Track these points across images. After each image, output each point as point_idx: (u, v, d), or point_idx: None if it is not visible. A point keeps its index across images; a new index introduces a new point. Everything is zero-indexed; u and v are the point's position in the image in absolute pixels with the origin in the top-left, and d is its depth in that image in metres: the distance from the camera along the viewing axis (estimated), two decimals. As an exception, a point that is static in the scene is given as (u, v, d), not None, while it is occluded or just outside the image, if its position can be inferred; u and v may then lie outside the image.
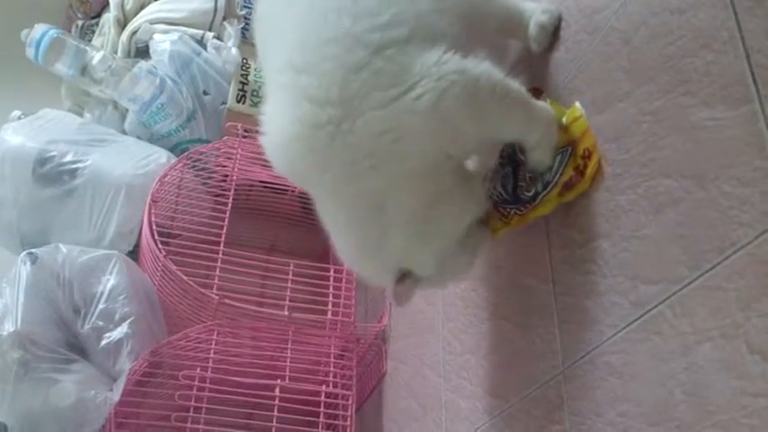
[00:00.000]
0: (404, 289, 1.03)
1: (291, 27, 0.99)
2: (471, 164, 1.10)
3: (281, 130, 0.97)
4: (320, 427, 1.66)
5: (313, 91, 0.92)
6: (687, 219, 0.78)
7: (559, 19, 1.11)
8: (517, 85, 0.98)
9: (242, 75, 2.08)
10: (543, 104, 1.03)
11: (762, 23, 0.71)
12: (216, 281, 1.69)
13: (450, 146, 0.97)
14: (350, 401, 1.72)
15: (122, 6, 2.17)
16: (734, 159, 0.72)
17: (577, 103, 1.01)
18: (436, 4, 0.99)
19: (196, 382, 1.58)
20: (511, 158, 1.07)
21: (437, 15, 0.98)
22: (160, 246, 1.67)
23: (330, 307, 1.81)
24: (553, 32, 1.12)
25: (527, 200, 1.05)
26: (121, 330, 1.56)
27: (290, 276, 1.80)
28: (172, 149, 2.03)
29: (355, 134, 0.90)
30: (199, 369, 1.59)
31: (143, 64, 2.02)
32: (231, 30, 2.16)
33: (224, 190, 1.92)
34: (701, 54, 0.78)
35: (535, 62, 1.15)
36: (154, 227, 1.70)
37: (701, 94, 0.78)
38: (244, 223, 1.97)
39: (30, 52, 2.00)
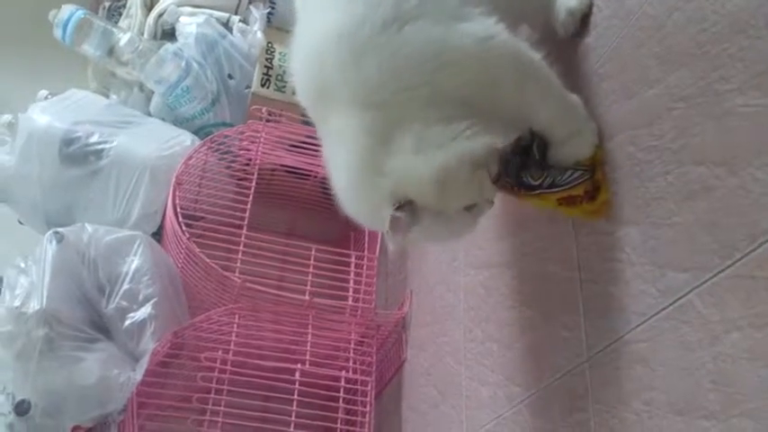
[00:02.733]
0: (401, 220, 0.94)
1: None
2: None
3: (323, 26, 0.96)
4: (339, 412, 1.67)
5: None
6: (719, 206, 0.77)
7: (590, 5, 1.09)
8: (554, 74, 0.98)
9: (267, 59, 2.08)
10: (578, 99, 1.02)
11: (801, 8, 0.70)
12: (238, 264, 1.70)
13: (483, 103, 0.95)
14: (369, 388, 1.72)
15: (149, -12, 2.18)
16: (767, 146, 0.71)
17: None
18: None
19: (218, 365, 1.59)
20: (524, 151, 1.05)
21: None
22: (184, 228, 1.68)
23: (351, 293, 1.82)
24: (582, 19, 1.10)
25: (527, 185, 1.04)
26: (145, 311, 1.57)
27: (312, 261, 1.80)
28: (196, 132, 2.03)
29: (402, 36, 0.90)
30: (220, 351, 1.60)
31: (169, 46, 2.02)
32: (257, 13, 2.16)
33: (247, 174, 1.92)
34: (735, 40, 0.77)
35: (564, 48, 1.13)
36: (178, 209, 1.71)
37: (734, 81, 0.77)
38: (264, 207, 1.98)
39: (57, 33, 2.02)
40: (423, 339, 1.67)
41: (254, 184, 1.89)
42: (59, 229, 1.62)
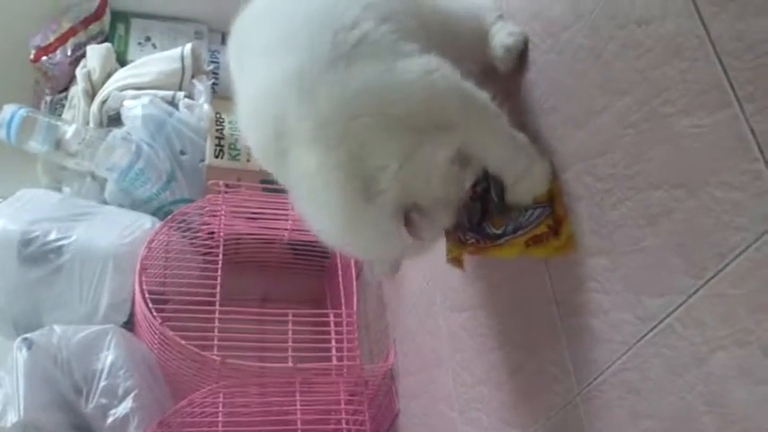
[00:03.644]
0: (416, 225, 0.95)
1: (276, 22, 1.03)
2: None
3: (268, 75, 0.97)
4: (339, 476, 1.64)
5: (306, 42, 0.95)
6: (683, 228, 0.77)
7: (525, 42, 1.11)
8: (502, 114, 0.99)
9: (217, 130, 2.08)
10: (525, 138, 1.02)
11: (729, 27, 0.71)
12: (215, 341, 1.66)
13: (433, 137, 0.95)
14: (366, 446, 1.69)
15: (89, 77, 2.15)
16: (721, 164, 0.72)
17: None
18: (412, 18, 1.02)
19: (208, 449, 1.55)
20: (483, 197, 1.06)
21: (416, 30, 1.01)
22: (155, 313, 1.64)
23: (334, 352, 1.79)
24: (519, 55, 1.12)
25: (491, 235, 1.04)
26: (126, 405, 1.52)
27: (291, 326, 1.77)
28: (155, 213, 2.01)
29: (349, 74, 0.92)
30: (209, 435, 1.56)
31: (117, 132, 2.00)
32: (201, 86, 2.15)
33: (212, 248, 1.90)
34: (673, 63, 0.78)
35: (507, 84, 1.14)
36: (146, 294, 1.67)
37: (678, 103, 0.78)
38: (235, 277, 1.95)
39: (1, 134, 1.99)
40: (413, 388, 1.64)
41: (220, 256, 1.87)
42: (28, 336, 1.57)
